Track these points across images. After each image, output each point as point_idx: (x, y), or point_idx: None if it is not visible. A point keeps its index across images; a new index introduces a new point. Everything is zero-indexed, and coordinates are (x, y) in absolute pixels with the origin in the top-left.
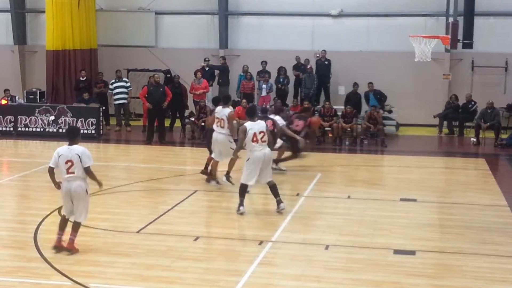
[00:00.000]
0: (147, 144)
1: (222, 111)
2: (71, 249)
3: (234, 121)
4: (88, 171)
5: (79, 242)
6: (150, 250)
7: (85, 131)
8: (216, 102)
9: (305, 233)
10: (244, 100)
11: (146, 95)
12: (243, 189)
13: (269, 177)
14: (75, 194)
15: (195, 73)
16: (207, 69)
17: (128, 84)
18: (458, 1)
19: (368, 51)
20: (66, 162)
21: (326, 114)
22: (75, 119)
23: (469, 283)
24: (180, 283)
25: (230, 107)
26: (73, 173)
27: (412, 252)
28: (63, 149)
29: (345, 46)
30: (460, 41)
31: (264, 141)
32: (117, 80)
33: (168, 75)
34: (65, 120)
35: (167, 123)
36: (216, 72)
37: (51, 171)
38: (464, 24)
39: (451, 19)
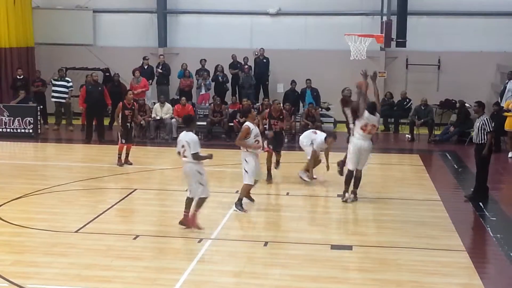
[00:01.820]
0: (86, 143)
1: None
2: (187, 223)
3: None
4: (195, 156)
5: (16, 243)
6: (89, 250)
7: (22, 130)
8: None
9: (245, 230)
10: (183, 98)
11: (85, 95)
12: (350, 177)
13: (362, 166)
14: (186, 174)
15: (133, 72)
16: (146, 67)
17: (70, 84)
18: (391, 1)
19: (305, 49)
20: (182, 147)
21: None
22: (12, 118)
23: (404, 276)
24: (119, 282)
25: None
26: (185, 156)
27: (349, 247)
28: (181, 134)
29: (283, 44)
30: (394, 39)
31: (370, 134)
32: (59, 79)
33: (107, 74)
34: (1, 119)
35: (106, 121)
36: (158, 71)
37: (178, 155)
38: (398, 23)
39: (385, 18)
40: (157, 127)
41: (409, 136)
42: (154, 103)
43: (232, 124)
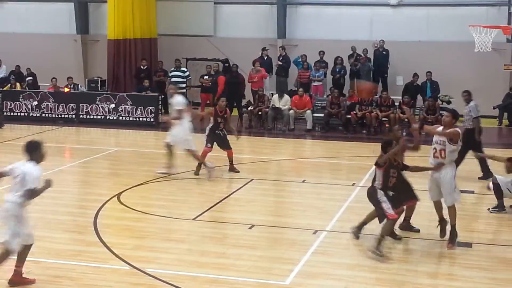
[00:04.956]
0: None
1: None
2: None
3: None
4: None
5: (136, 228)
6: (205, 237)
7: (144, 119)
8: None
9: None
10: (301, 89)
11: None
12: None
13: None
14: None
15: (253, 63)
16: (265, 58)
17: (186, 73)
18: None
19: (427, 41)
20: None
21: (383, 104)
22: (135, 107)
23: None
24: (234, 270)
25: None
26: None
27: (469, 244)
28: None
29: (403, 36)
30: None
31: None
32: (175, 69)
33: (226, 65)
34: (125, 108)
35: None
36: (278, 63)
37: None
38: None
39: None
40: (274, 118)
41: None
42: (272, 94)
43: (349, 116)
